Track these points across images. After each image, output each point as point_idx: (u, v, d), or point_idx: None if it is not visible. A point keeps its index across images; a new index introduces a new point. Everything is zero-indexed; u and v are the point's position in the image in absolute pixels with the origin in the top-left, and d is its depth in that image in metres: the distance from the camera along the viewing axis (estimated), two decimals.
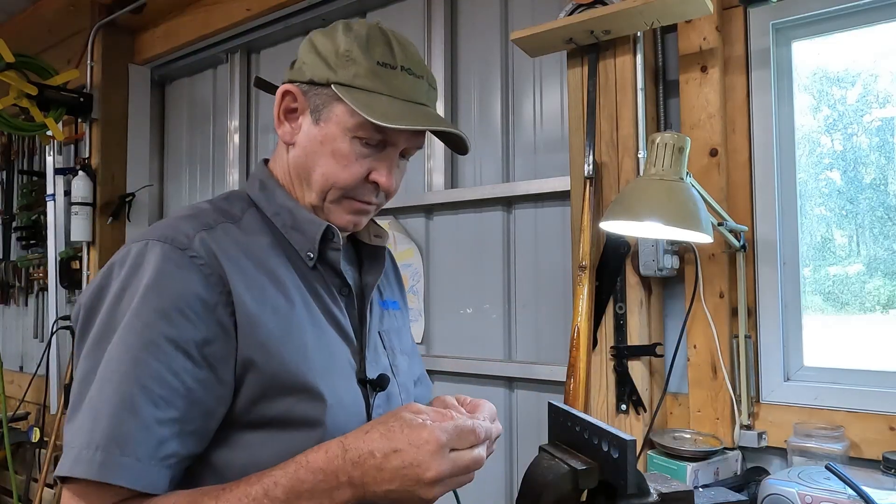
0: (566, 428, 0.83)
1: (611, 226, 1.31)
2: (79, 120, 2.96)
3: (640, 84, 1.52)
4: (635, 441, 0.71)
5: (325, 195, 0.90)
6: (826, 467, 1.08)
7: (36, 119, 2.73)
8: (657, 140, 1.22)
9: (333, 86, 0.85)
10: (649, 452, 1.44)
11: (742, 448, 1.43)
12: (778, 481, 1.13)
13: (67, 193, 2.89)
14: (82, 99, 2.85)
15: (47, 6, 3.17)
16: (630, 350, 1.49)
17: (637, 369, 1.49)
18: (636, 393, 1.48)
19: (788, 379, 1.48)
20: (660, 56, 1.61)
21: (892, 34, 1.45)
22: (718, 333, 1.44)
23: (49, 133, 2.80)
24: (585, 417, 0.80)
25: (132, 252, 0.80)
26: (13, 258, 3.47)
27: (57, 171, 2.94)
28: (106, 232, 2.89)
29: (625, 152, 1.53)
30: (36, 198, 3.28)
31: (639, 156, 1.51)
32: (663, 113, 1.60)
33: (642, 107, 1.52)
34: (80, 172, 2.82)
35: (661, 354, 1.51)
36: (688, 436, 1.44)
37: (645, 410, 1.48)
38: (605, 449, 0.74)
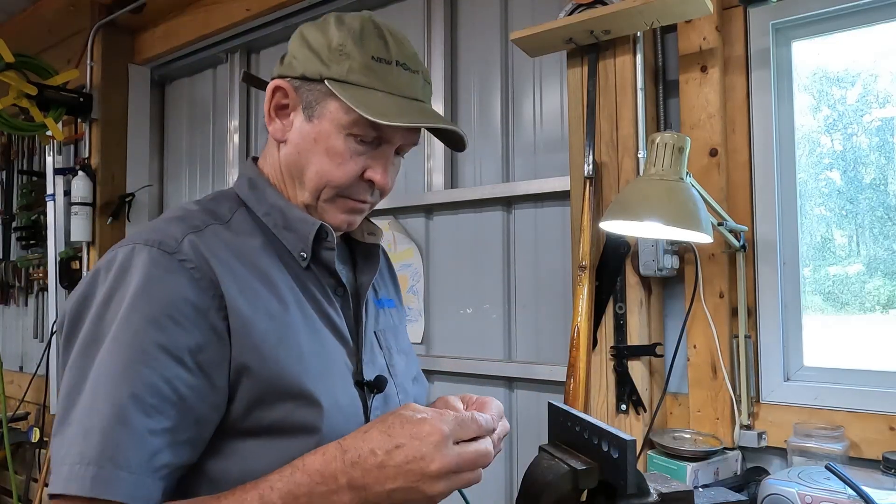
0: (566, 428, 0.83)
1: (611, 226, 1.31)
2: (78, 120, 2.96)
3: (640, 84, 1.52)
4: (635, 441, 0.71)
5: (319, 194, 0.87)
6: (826, 467, 1.08)
7: (36, 119, 2.73)
8: (657, 140, 1.22)
9: (327, 81, 0.83)
10: (649, 452, 1.44)
11: (742, 448, 1.43)
12: (778, 481, 1.13)
13: (67, 193, 2.88)
14: (82, 99, 2.84)
15: (47, 6, 3.17)
16: (630, 350, 1.49)
17: (637, 369, 1.49)
18: (636, 393, 1.48)
19: (788, 379, 1.48)
20: (660, 56, 1.62)
21: (892, 34, 1.45)
22: (718, 333, 1.44)
23: (49, 133, 2.80)
24: (585, 417, 0.80)
25: (118, 257, 0.77)
26: (13, 258, 3.47)
27: (57, 171, 2.94)
28: (106, 232, 2.89)
29: (625, 152, 1.53)
30: (36, 198, 3.27)
31: (639, 156, 1.51)
32: (663, 113, 1.60)
33: (642, 107, 1.52)
34: (80, 172, 2.82)
35: (661, 354, 1.51)
36: (688, 436, 1.44)
37: (645, 410, 1.48)
38: (605, 449, 0.74)
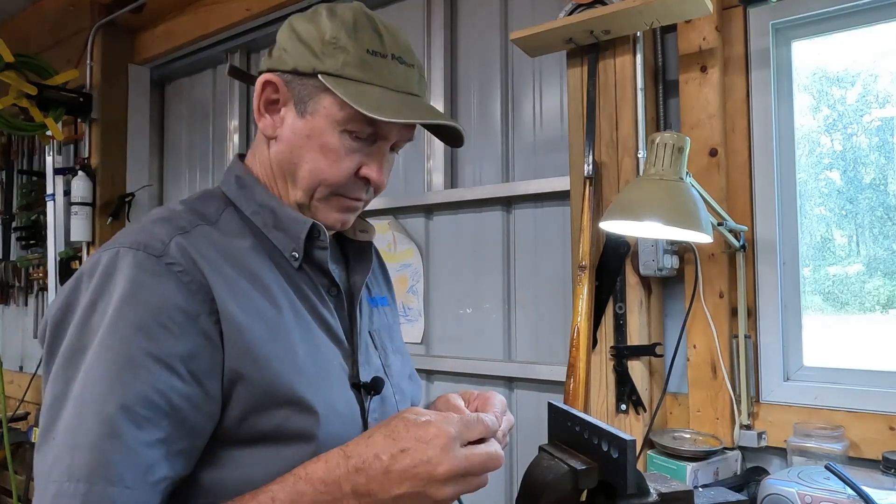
0: (566, 428, 0.83)
1: (611, 226, 1.31)
2: (78, 120, 2.95)
3: (640, 84, 1.52)
4: (635, 441, 0.71)
5: (313, 193, 0.85)
6: (826, 467, 1.08)
7: (35, 119, 2.73)
8: (657, 140, 1.22)
9: (320, 76, 0.80)
10: (649, 452, 1.44)
11: (742, 448, 1.43)
12: (778, 481, 1.13)
13: (67, 193, 2.88)
14: (82, 99, 2.84)
15: (47, 6, 3.17)
16: (630, 350, 1.49)
17: (637, 369, 1.49)
18: (636, 393, 1.48)
19: (788, 379, 1.48)
20: (659, 56, 1.62)
21: (892, 34, 1.45)
22: (718, 333, 1.44)
23: (49, 133, 2.79)
24: (585, 417, 0.80)
25: (102, 261, 0.74)
26: (13, 258, 3.47)
27: (56, 171, 2.94)
28: (106, 232, 2.88)
29: (624, 152, 1.53)
30: (35, 198, 3.27)
31: (638, 156, 1.51)
32: (663, 113, 1.60)
33: (642, 107, 1.52)
34: (80, 172, 2.82)
35: (661, 354, 1.51)
36: (687, 436, 1.44)
37: (645, 410, 1.48)
38: (605, 449, 0.74)
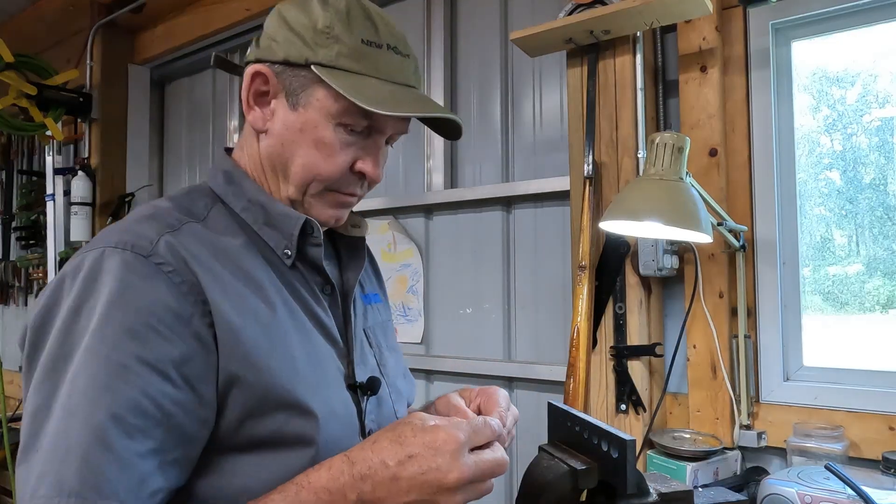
0: (566, 428, 0.83)
1: (610, 226, 1.31)
2: (78, 120, 2.96)
3: (640, 84, 1.52)
4: (635, 441, 0.71)
5: (306, 188, 0.82)
6: (825, 467, 1.08)
7: (35, 119, 2.73)
8: (657, 140, 1.22)
9: (314, 67, 0.76)
10: (649, 452, 1.44)
11: (742, 448, 1.43)
12: (777, 481, 1.13)
13: (67, 193, 2.88)
14: (82, 99, 2.84)
15: (47, 6, 3.17)
16: (630, 350, 1.49)
17: (637, 369, 1.49)
18: (636, 393, 1.48)
19: (788, 379, 1.48)
20: (659, 56, 1.61)
21: (892, 34, 1.45)
22: (718, 333, 1.44)
23: (48, 133, 2.80)
24: (585, 417, 0.80)
25: (86, 262, 0.70)
26: (13, 258, 3.47)
27: (56, 171, 2.94)
28: None
29: (624, 152, 1.53)
30: (35, 198, 3.27)
31: (638, 156, 1.51)
32: (663, 113, 1.60)
33: (642, 107, 1.52)
34: (80, 172, 2.82)
35: (661, 354, 1.51)
36: (687, 436, 1.44)
37: (644, 410, 1.48)
38: (605, 449, 0.73)
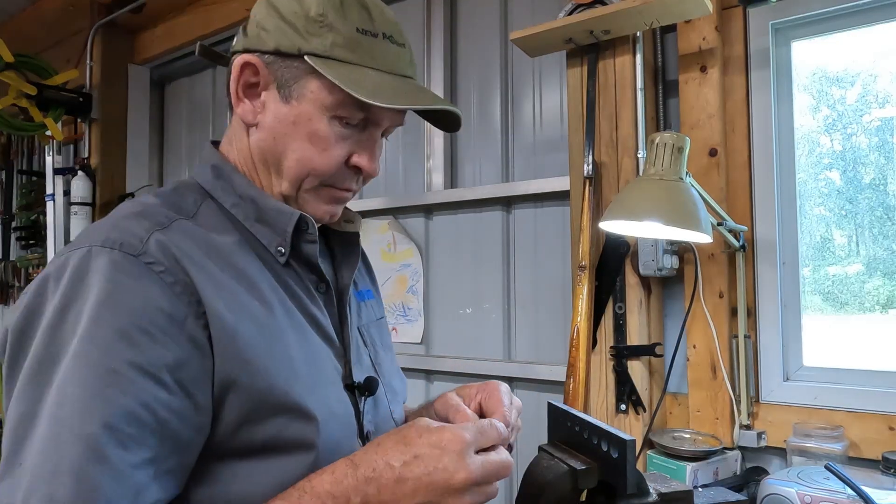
0: (566, 428, 0.83)
1: (610, 226, 1.31)
2: (78, 120, 2.96)
3: (640, 84, 1.52)
4: (635, 441, 0.71)
5: (301, 184, 0.79)
6: (825, 467, 1.08)
7: (35, 119, 2.73)
8: (657, 140, 1.22)
9: (307, 57, 0.73)
10: (649, 452, 1.44)
11: (741, 448, 1.43)
12: (777, 481, 1.13)
13: (67, 193, 2.88)
14: (82, 99, 2.84)
15: (47, 6, 3.17)
16: (630, 350, 1.49)
17: (636, 369, 1.49)
18: (636, 393, 1.48)
19: (788, 379, 1.48)
20: (659, 56, 1.61)
21: (892, 34, 1.46)
22: (718, 333, 1.44)
23: (48, 133, 2.80)
24: (585, 417, 0.80)
25: (71, 262, 0.66)
26: (13, 258, 3.47)
27: (56, 171, 2.93)
28: None
29: (624, 152, 1.53)
30: (35, 198, 3.27)
31: (638, 156, 1.51)
32: (663, 113, 1.60)
33: (642, 107, 1.52)
34: (80, 172, 2.82)
35: (661, 354, 1.51)
36: (687, 436, 1.44)
37: (644, 410, 1.48)
38: (605, 449, 0.73)
